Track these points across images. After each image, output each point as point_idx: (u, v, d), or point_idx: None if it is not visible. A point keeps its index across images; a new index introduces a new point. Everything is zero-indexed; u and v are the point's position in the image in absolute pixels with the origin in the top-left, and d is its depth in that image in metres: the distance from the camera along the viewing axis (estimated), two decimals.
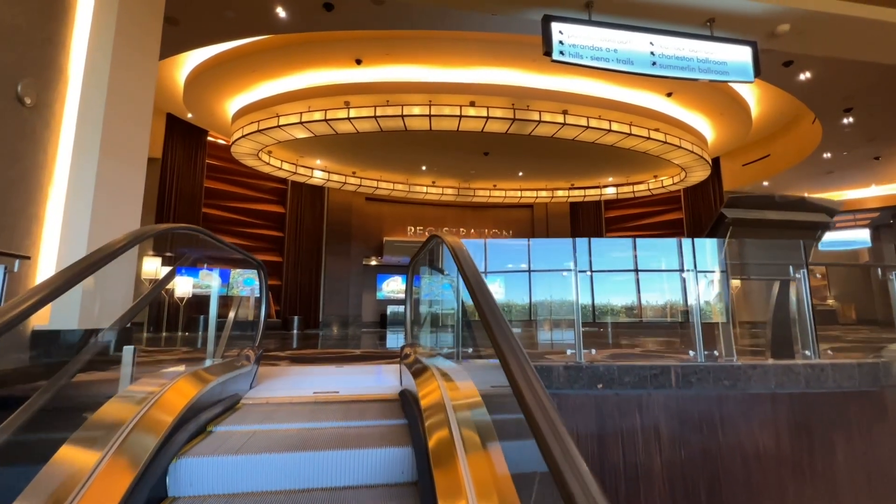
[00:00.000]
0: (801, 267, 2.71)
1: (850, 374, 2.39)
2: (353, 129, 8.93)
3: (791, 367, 2.38)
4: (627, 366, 2.35)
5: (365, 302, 15.54)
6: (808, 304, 2.58)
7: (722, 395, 2.32)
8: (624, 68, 4.53)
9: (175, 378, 1.67)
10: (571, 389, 2.31)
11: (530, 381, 0.85)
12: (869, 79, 7.56)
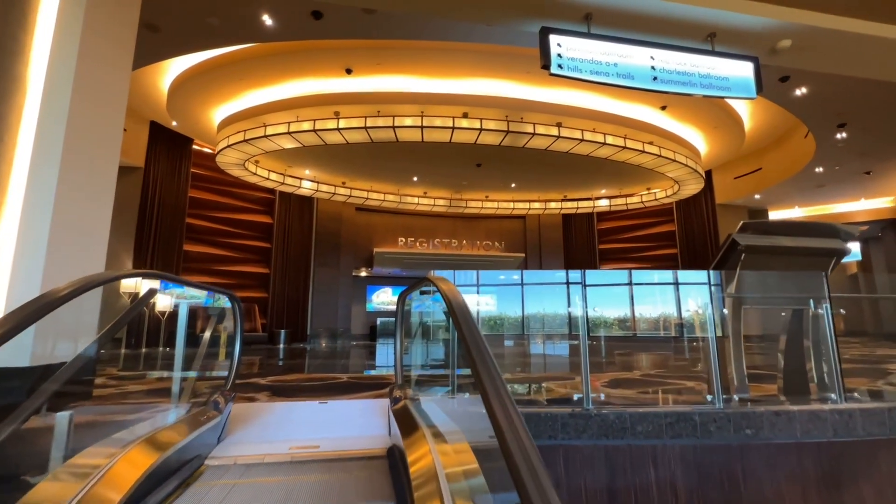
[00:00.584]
0: (822, 300, 2.52)
1: (881, 420, 2.20)
2: (342, 140, 8.70)
3: (818, 414, 2.18)
4: (640, 413, 2.13)
5: (354, 314, 15.22)
6: (832, 342, 2.38)
7: (744, 445, 2.11)
8: (624, 83, 4.36)
9: (124, 449, 1.40)
10: (579, 440, 2.08)
11: (531, 467, 0.71)
12: (863, 95, 7.52)
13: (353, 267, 14.87)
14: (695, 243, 14.19)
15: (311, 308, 13.56)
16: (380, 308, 16.03)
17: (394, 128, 8.17)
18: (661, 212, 15.01)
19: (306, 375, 4.90)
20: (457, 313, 1.40)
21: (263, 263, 13.09)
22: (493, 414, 0.94)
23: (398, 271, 15.63)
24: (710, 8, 4.43)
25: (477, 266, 15.48)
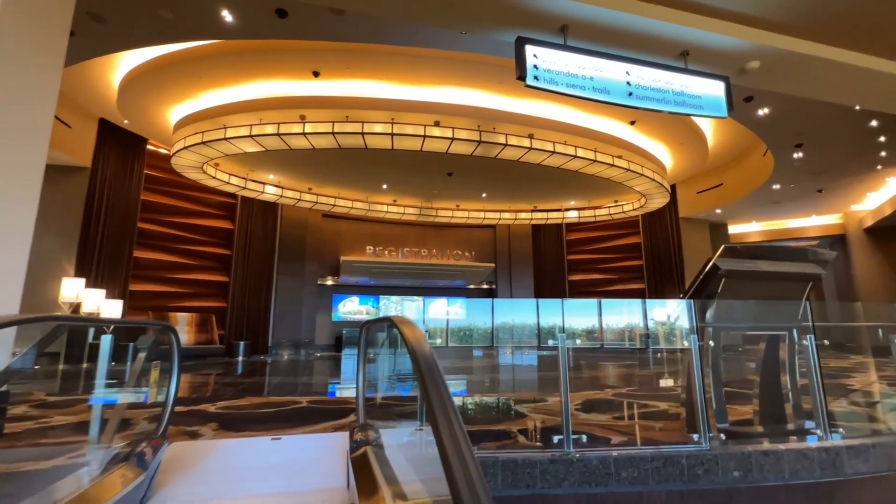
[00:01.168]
0: (807, 331, 2.44)
1: (866, 457, 2.12)
2: (309, 145, 8.34)
3: (805, 453, 2.07)
4: (625, 457, 1.96)
5: (319, 324, 14.70)
6: (816, 375, 2.29)
7: (732, 489, 1.97)
8: (600, 98, 4.27)
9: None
10: (560, 488, 1.89)
11: None
12: (819, 117, 7.82)
13: (318, 275, 14.38)
14: (659, 255, 14.50)
15: (273, 318, 12.98)
16: (346, 318, 15.57)
17: (363, 134, 7.89)
18: (627, 224, 15.28)
19: (262, 399, 4.53)
20: (422, 368, 1.17)
21: (222, 271, 12.44)
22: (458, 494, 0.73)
23: (366, 280, 15.24)
24: (683, 26, 4.41)
25: (447, 276, 15.28)
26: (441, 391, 1.04)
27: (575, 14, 4.19)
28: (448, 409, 0.91)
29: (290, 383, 6.08)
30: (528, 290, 15.89)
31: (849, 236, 14.32)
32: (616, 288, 15.36)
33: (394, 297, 16.33)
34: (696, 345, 2.31)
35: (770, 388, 3.03)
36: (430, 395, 1.00)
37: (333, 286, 15.47)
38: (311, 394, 5.09)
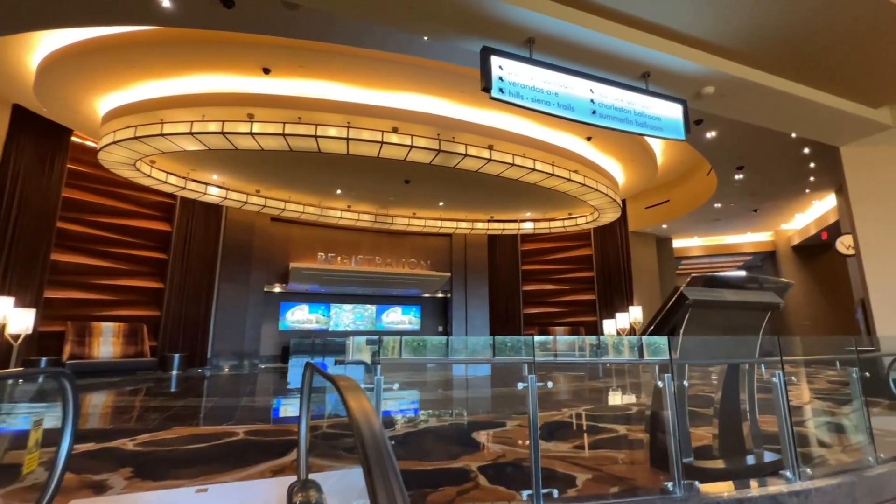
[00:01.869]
0: (776, 367, 2.39)
1: (833, 498, 2.08)
2: (256, 146, 7.80)
3: (777, 498, 1.99)
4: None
5: (265, 333, 13.92)
6: (785, 414, 2.24)
7: None
8: (564, 114, 4.19)
9: None
10: None
11: None
12: (760, 143, 8.26)
13: (265, 282, 13.61)
14: (610, 267, 14.91)
15: (213, 328, 12.10)
16: (294, 327, 14.87)
17: (316, 137, 7.47)
18: (580, 236, 15.62)
19: (192, 430, 4.04)
20: (368, 454, 0.90)
21: (157, 277, 11.46)
22: None
23: (316, 287, 14.62)
24: (645, 47, 4.43)
25: (402, 285, 14.94)
26: (391, 486, 0.78)
27: (541, 28, 4.08)
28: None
29: (228, 406, 5.55)
30: (483, 300, 15.85)
31: (778, 253, 15.37)
32: (568, 298, 15.63)
33: (346, 306, 15.80)
34: (671, 387, 2.18)
35: (730, 418, 2.99)
36: (376, 491, 0.75)
37: (281, 293, 14.73)
38: (250, 419, 4.64)
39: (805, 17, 4.37)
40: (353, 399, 1.07)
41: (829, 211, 12.05)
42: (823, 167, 9.42)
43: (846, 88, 5.62)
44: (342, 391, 1.12)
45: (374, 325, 16.13)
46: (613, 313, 14.45)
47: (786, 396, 2.23)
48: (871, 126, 6.11)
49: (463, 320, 15.62)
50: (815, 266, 14.58)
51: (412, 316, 16.65)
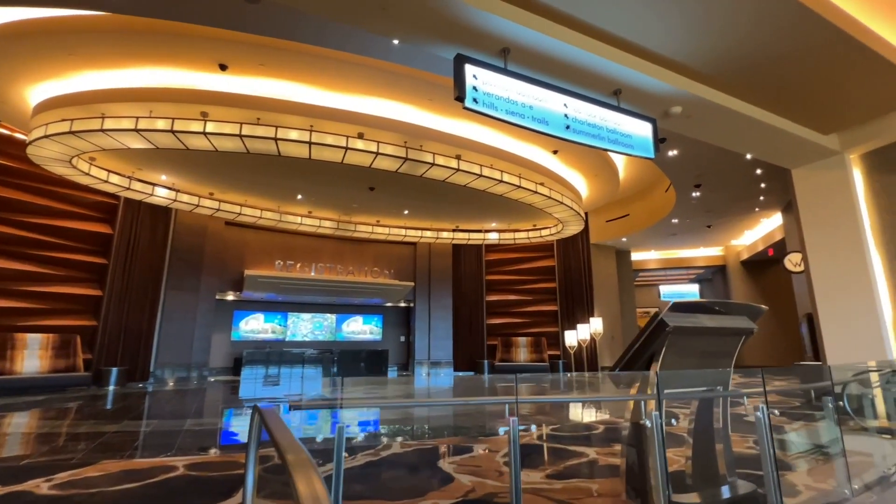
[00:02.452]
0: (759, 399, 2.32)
1: None
2: (210, 147, 7.31)
3: None
4: None
5: (216, 344, 13.13)
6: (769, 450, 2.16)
7: None
8: (538, 128, 4.08)
9: None
10: None
11: None
12: (717, 162, 8.56)
13: (217, 290, 12.85)
14: (571, 278, 15.10)
15: (157, 339, 11.26)
16: (248, 337, 14.13)
17: (276, 140, 7.08)
18: (543, 247, 15.75)
19: (122, 465, 3.58)
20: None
21: (95, 284, 10.55)
22: None
23: (273, 296, 13.95)
24: (617, 63, 4.41)
25: (364, 293, 14.52)
26: None
27: (516, 38, 3.97)
28: None
29: (169, 431, 5.04)
30: (447, 310, 15.66)
31: (728, 267, 16.10)
32: (531, 309, 15.70)
33: (304, 315, 15.20)
34: (661, 426, 2.05)
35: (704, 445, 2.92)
36: None
37: (235, 302, 13.97)
38: (193, 447, 4.20)
39: (765, 43, 4.48)
40: (302, 482, 0.83)
41: (775, 228, 12.72)
42: (773, 187, 9.89)
43: (800, 115, 5.86)
44: (291, 469, 0.88)
45: (334, 335, 15.59)
46: (575, 324, 14.62)
47: (770, 434, 2.15)
48: (820, 151, 6.41)
49: (426, 330, 15.35)
50: (762, 280, 15.36)
51: (374, 326, 16.22)
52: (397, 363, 16.15)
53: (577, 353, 14.41)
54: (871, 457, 3.39)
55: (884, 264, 6.10)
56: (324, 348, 14.95)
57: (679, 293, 18.24)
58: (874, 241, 6.20)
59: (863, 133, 6.18)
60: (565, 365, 14.50)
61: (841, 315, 6.25)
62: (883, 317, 5.94)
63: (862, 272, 6.11)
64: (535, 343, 15.25)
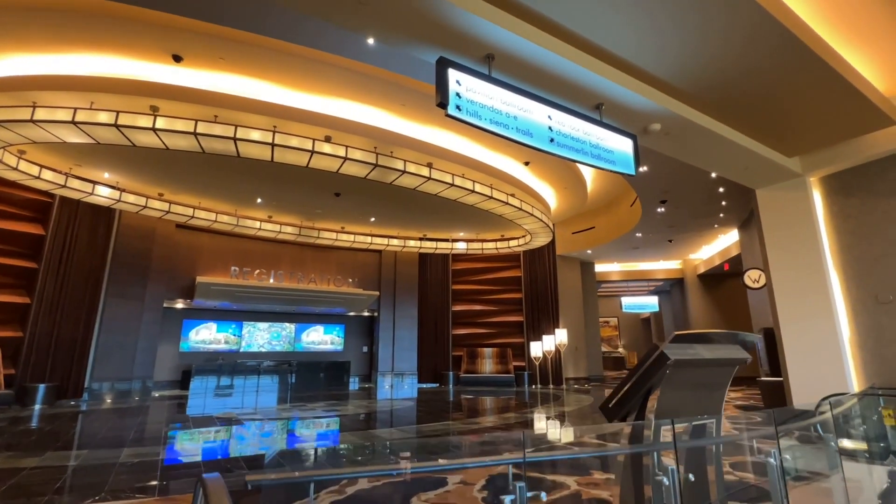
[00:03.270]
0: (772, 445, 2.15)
1: None
2: (160, 144, 6.69)
3: None
4: None
5: (162, 356, 12.18)
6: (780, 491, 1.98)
7: None
8: (523, 140, 3.87)
9: None
10: None
11: None
12: (682, 180, 8.73)
13: (165, 297, 11.93)
14: (537, 289, 15.12)
15: (95, 351, 10.28)
16: (198, 348, 13.21)
17: (235, 140, 6.57)
18: (509, 257, 15.71)
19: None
20: None
21: (23, 290, 9.51)
22: None
23: (227, 304, 13.13)
24: (599, 75, 4.28)
25: (326, 303, 13.93)
26: None
27: (501, 43, 3.75)
28: None
29: (100, 465, 4.43)
30: (412, 320, 15.29)
31: (686, 280, 16.63)
32: (496, 319, 15.59)
33: (261, 324, 14.42)
34: (676, 480, 1.84)
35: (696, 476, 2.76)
36: None
37: (185, 310, 13.05)
38: (129, 486, 3.67)
39: (733, 61, 4.47)
40: None
41: (732, 244, 13.20)
42: (732, 205, 10.22)
43: (768, 137, 5.99)
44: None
45: (293, 346, 14.87)
46: (540, 335, 14.63)
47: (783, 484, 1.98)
48: (784, 173, 6.60)
49: (390, 341, 14.91)
50: (717, 293, 15.95)
51: (335, 336, 15.62)
52: (359, 374, 15.60)
53: (542, 364, 14.40)
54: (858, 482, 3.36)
55: (841, 284, 6.31)
56: (282, 359, 14.21)
57: (640, 305, 18.68)
58: (832, 262, 6.41)
59: (823, 157, 6.40)
60: (530, 377, 14.44)
61: (802, 332, 6.41)
62: (841, 335, 6.13)
63: (822, 291, 6.29)
64: (500, 354, 15.13)
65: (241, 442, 5.87)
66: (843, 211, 6.40)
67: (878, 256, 5.99)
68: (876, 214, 6.07)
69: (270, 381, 13.24)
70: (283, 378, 13.31)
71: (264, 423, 7.40)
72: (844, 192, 6.42)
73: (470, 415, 8.40)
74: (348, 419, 7.74)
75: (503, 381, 14.35)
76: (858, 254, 6.18)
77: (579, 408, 8.95)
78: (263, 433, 6.51)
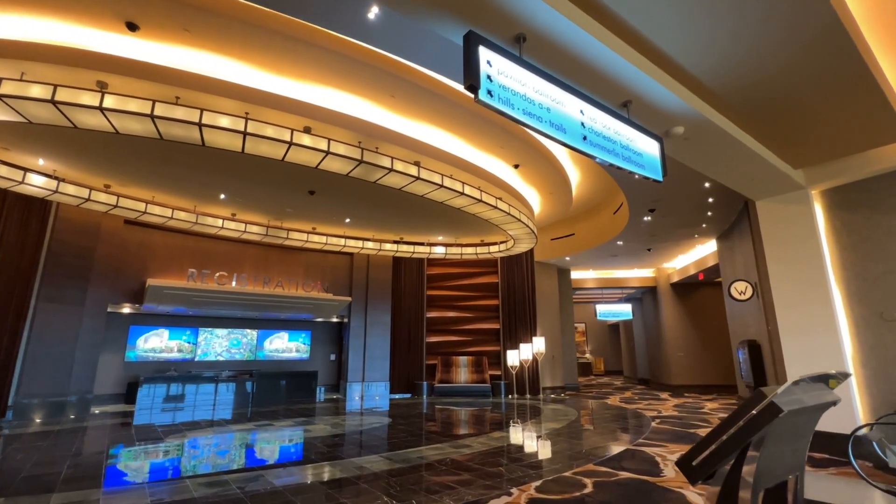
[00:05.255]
0: None
1: None
2: (108, 127, 5.73)
3: None
4: None
5: (104, 367, 10.90)
6: None
7: None
8: (555, 135, 3.34)
9: None
10: None
11: None
12: (674, 188, 8.50)
13: (109, 301, 10.66)
14: (514, 296, 14.74)
15: (21, 364, 8.95)
16: (147, 357, 11.96)
17: (200, 126, 5.70)
18: (486, 263, 15.26)
19: None
20: None
21: None
22: None
23: (182, 310, 11.94)
24: (634, 66, 3.81)
25: (293, 308, 12.96)
26: None
27: (535, 20, 3.20)
28: None
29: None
30: (385, 327, 14.53)
31: (659, 288, 16.73)
32: (472, 327, 15.08)
33: (219, 331, 13.26)
34: None
35: None
36: None
37: (132, 315, 11.77)
38: None
39: (770, 57, 4.13)
40: None
41: (708, 255, 13.27)
42: (717, 216, 10.16)
43: (779, 145, 5.76)
44: None
45: (255, 354, 13.78)
46: (517, 343, 14.23)
47: None
48: (787, 184, 6.42)
49: (361, 348, 14.08)
50: (689, 302, 16.11)
51: (301, 343, 14.63)
52: (326, 384, 14.68)
53: (519, 373, 14.00)
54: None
55: (843, 300, 6.17)
56: (242, 368, 13.10)
57: (615, 312, 18.69)
58: (834, 278, 6.27)
59: (828, 170, 6.26)
60: (507, 386, 14.01)
61: (804, 346, 6.23)
62: (844, 351, 5.97)
63: (825, 305, 6.13)
64: (476, 363, 14.62)
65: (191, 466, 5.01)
66: (846, 226, 6.27)
67: (882, 273, 5.88)
68: (881, 231, 5.96)
69: (228, 393, 12.12)
70: (242, 389, 12.23)
71: (210, 443, 6.51)
72: (847, 206, 6.30)
73: (454, 434, 7.80)
74: (317, 440, 6.95)
75: (479, 391, 13.85)
76: (861, 270, 6.06)
77: (568, 423, 8.53)
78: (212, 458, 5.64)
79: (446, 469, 5.18)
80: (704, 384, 15.15)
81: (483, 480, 4.70)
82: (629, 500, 4.03)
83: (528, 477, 4.85)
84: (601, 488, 4.41)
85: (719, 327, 15.30)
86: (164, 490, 4.39)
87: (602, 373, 27.55)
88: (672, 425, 8.26)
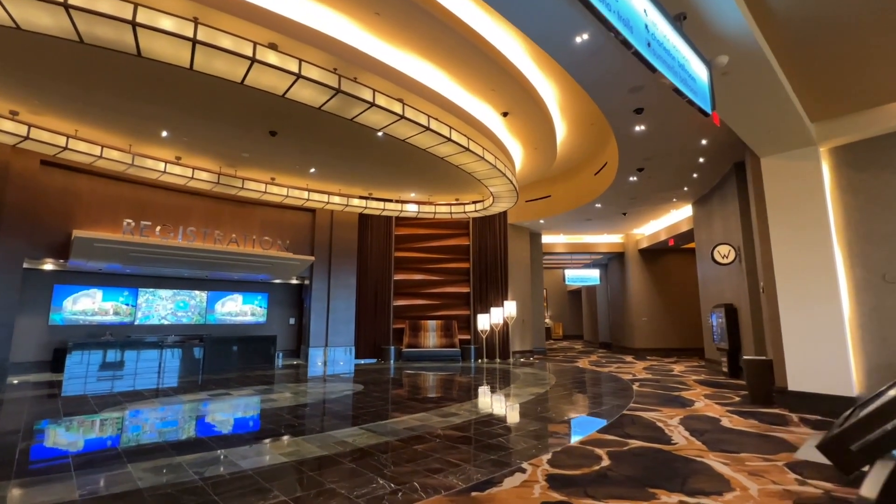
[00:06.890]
0: None
1: None
2: (7, 21, 4.38)
3: None
4: None
5: (24, 332, 9.48)
6: None
7: None
8: (622, 30, 2.61)
9: None
10: None
11: None
12: (667, 146, 8.07)
13: (24, 256, 9.11)
14: (486, 260, 14.25)
15: None
16: (77, 320, 10.55)
17: (134, 26, 4.47)
18: (457, 224, 14.60)
19: None
20: None
21: None
22: None
23: (117, 267, 10.51)
24: None
25: (248, 268, 11.78)
26: None
27: None
28: None
29: None
30: (350, 290, 13.65)
31: (627, 254, 16.78)
32: (442, 290, 14.51)
33: (163, 292, 11.93)
34: None
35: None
36: None
37: (57, 273, 10.24)
38: None
39: None
40: None
41: (682, 220, 13.23)
42: (702, 178, 9.92)
43: (805, 91, 5.33)
44: None
45: (204, 318, 12.57)
46: (488, 307, 13.85)
47: None
48: (799, 139, 6.08)
49: (323, 312, 13.17)
50: (655, 268, 16.28)
51: (256, 306, 13.52)
52: (285, 349, 13.76)
53: (489, 337, 13.69)
54: None
55: (844, 262, 6.01)
56: (190, 333, 11.92)
57: (583, 278, 18.72)
58: (837, 239, 6.08)
59: (840, 125, 5.95)
60: (477, 350, 13.68)
61: (803, 311, 6.07)
62: (843, 315, 5.84)
63: (827, 270, 5.95)
64: (445, 327, 14.15)
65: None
66: (853, 185, 6.04)
67: (888, 234, 5.71)
68: (889, 190, 5.76)
69: (175, 360, 10.98)
70: (190, 355, 11.10)
71: (156, 416, 5.61)
72: (855, 165, 6.04)
73: (435, 401, 7.25)
74: (284, 411, 6.18)
75: (448, 355, 13.43)
76: (866, 231, 5.87)
77: (550, 388, 8.21)
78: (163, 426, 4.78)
79: (441, 442, 4.59)
80: (666, 347, 15.52)
81: (486, 454, 4.15)
82: (655, 473, 3.61)
83: (535, 449, 4.35)
84: (618, 460, 3.97)
85: (683, 293, 15.62)
86: (99, 479, 3.51)
87: (560, 337, 28.16)
88: (654, 388, 8.13)
